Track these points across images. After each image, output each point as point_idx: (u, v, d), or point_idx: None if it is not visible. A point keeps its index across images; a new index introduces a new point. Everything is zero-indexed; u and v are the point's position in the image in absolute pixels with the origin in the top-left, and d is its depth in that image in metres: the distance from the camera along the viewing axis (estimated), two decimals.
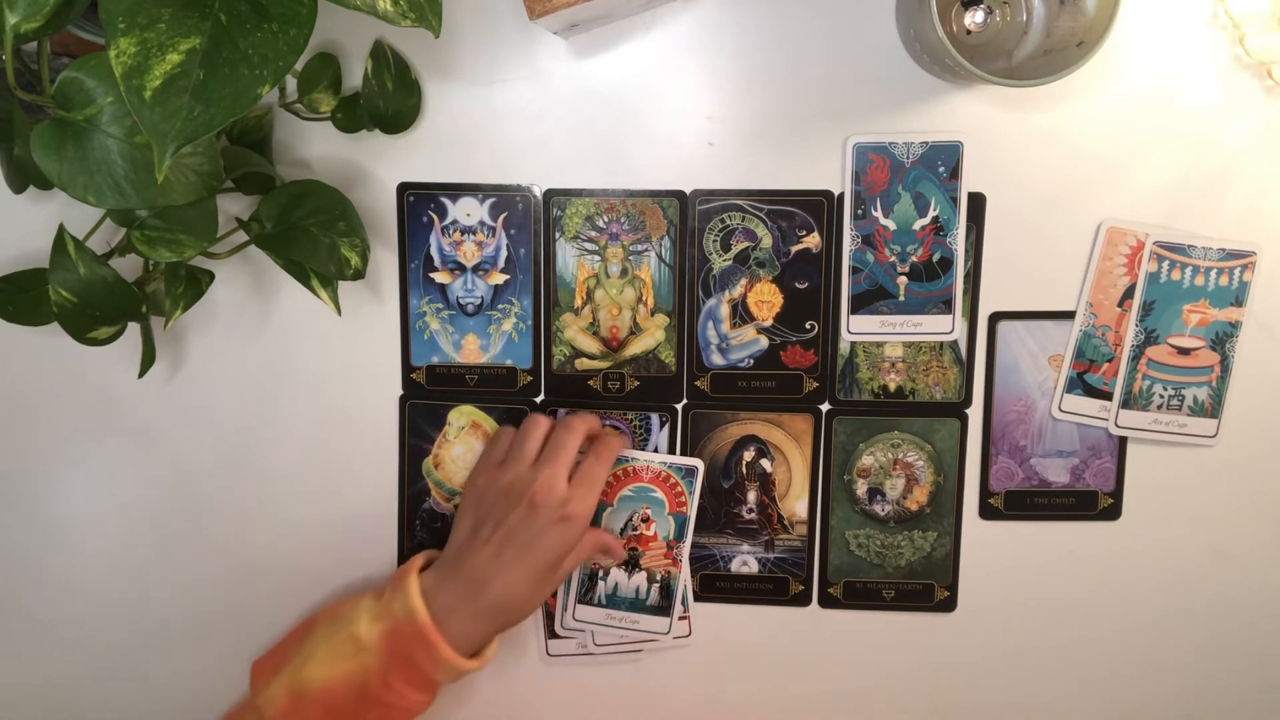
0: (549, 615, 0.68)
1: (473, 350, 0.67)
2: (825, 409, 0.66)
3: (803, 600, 0.68)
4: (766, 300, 0.65)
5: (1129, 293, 0.64)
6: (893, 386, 0.66)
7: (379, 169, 0.65)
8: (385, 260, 0.66)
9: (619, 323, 0.66)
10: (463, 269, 0.66)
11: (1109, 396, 0.65)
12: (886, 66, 0.62)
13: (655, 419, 0.67)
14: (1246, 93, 0.63)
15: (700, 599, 0.68)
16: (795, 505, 0.67)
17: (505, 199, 0.65)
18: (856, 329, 0.65)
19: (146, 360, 0.61)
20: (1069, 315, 0.65)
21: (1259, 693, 0.69)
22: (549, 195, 0.65)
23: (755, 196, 0.64)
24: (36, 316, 0.59)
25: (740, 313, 0.65)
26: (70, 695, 0.71)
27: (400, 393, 0.67)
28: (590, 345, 0.66)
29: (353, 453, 0.68)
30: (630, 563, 0.67)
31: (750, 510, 0.67)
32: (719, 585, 0.68)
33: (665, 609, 0.67)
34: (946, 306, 0.65)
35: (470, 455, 0.67)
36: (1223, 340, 0.65)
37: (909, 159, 0.63)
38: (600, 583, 0.67)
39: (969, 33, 0.62)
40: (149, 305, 0.57)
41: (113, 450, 0.68)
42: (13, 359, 0.67)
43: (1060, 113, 0.63)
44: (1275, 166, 0.63)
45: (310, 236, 0.58)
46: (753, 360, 0.66)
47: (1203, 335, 0.65)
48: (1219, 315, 0.64)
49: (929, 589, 0.68)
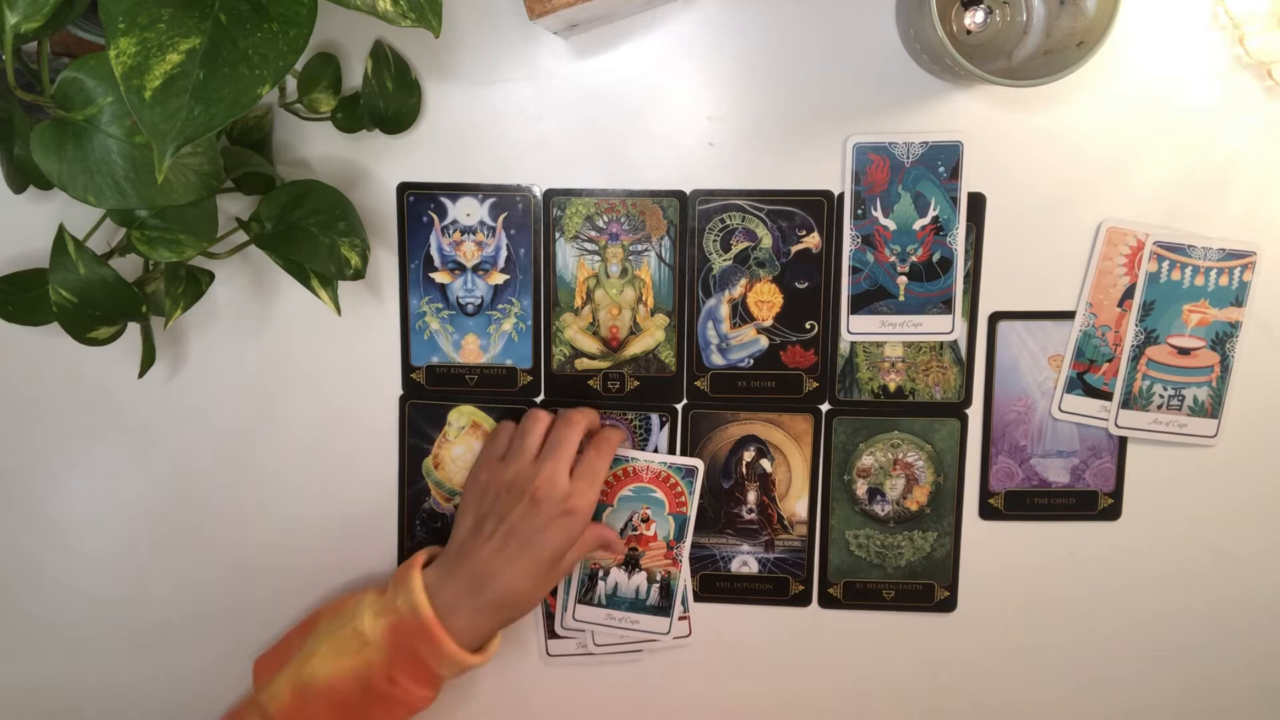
0: (549, 615, 0.68)
1: (473, 350, 0.67)
2: (825, 409, 0.66)
3: (803, 600, 0.68)
4: (766, 300, 0.65)
5: (1129, 293, 0.64)
6: (893, 386, 0.66)
7: (379, 169, 0.65)
8: (385, 260, 0.66)
9: (619, 323, 0.66)
10: (463, 269, 0.66)
11: (1109, 396, 0.65)
12: (886, 66, 0.62)
13: (655, 419, 0.67)
14: (1246, 93, 0.63)
15: (700, 599, 0.68)
16: (795, 505, 0.67)
17: (505, 199, 0.65)
18: (856, 329, 0.65)
19: (146, 360, 0.61)
20: (1069, 315, 0.65)
21: (1259, 693, 0.69)
22: (549, 195, 0.65)
23: (755, 196, 0.64)
24: (36, 316, 0.59)
25: (740, 313, 0.65)
26: (70, 695, 0.71)
27: (400, 393, 0.67)
28: (590, 345, 0.66)
29: (353, 453, 0.68)
30: (630, 563, 0.67)
31: (750, 510, 0.67)
32: (719, 585, 0.68)
33: (665, 609, 0.67)
34: (946, 306, 0.65)
35: (470, 455, 0.67)
36: (1223, 340, 0.65)
37: (909, 159, 0.63)
38: (600, 583, 0.67)
39: (969, 33, 0.62)
40: (149, 305, 0.57)
41: (113, 450, 0.68)
42: (13, 359, 0.67)
43: (1060, 113, 0.63)
44: (1275, 166, 0.63)
45: (310, 236, 0.58)
46: (753, 360, 0.66)
47: (1203, 335, 0.65)
48: (1219, 315, 0.64)
49: (929, 589, 0.68)
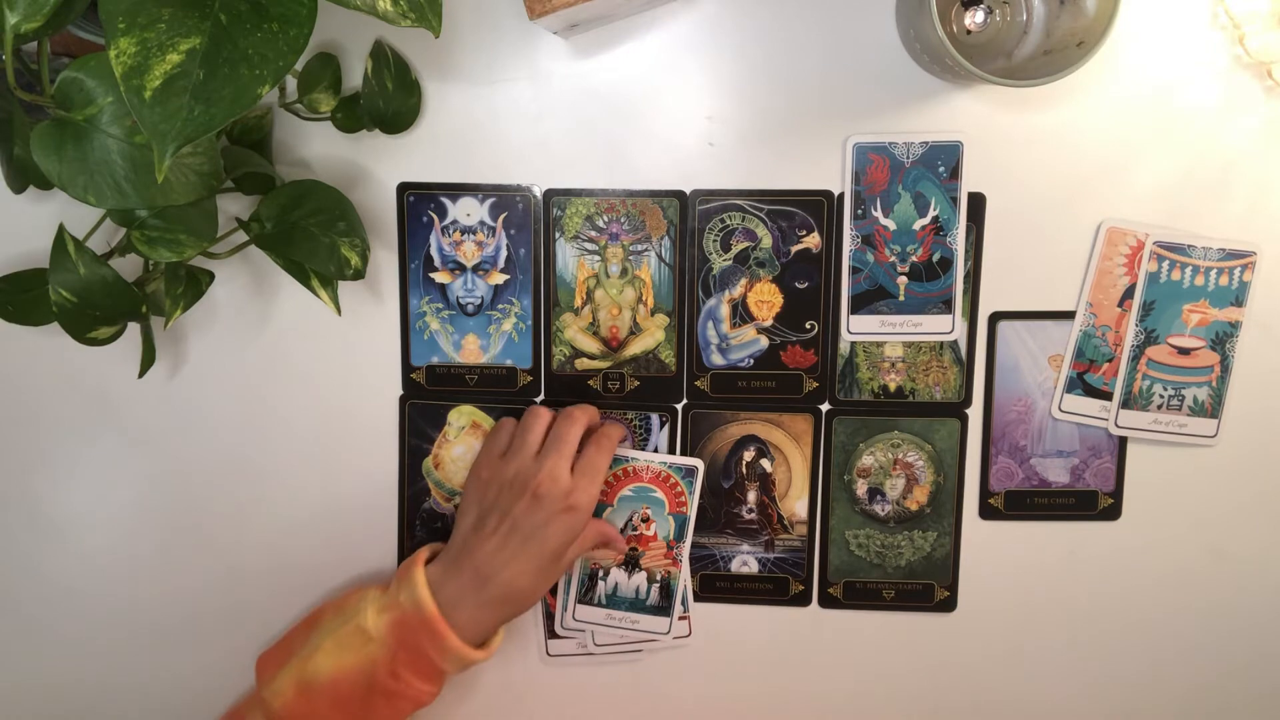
0: (549, 615, 0.68)
1: (473, 350, 0.67)
2: (825, 409, 0.66)
3: (803, 600, 0.68)
4: (766, 300, 0.65)
5: (1129, 293, 0.64)
6: (893, 386, 0.66)
7: (379, 169, 0.65)
8: (385, 260, 0.66)
9: (619, 323, 0.66)
10: (463, 269, 0.66)
11: (1109, 396, 0.65)
12: (886, 66, 0.62)
13: (655, 419, 0.67)
14: (1246, 93, 0.63)
15: (700, 599, 0.68)
16: (795, 505, 0.67)
17: (505, 199, 0.65)
18: (856, 329, 0.65)
19: (146, 360, 0.61)
20: (1069, 315, 0.65)
21: (1259, 693, 0.69)
22: (549, 195, 0.65)
23: (755, 196, 0.64)
24: (36, 316, 0.59)
25: (740, 313, 0.65)
26: (70, 695, 0.71)
27: (400, 393, 0.67)
28: (590, 345, 0.66)
29: (353, 453, 0.68)
30: (630, 563, 0.67)
31: (750, 510, 0.67)
32: (719, 585, 0.68)
33: (665, 609, 0.67)
34: (946, 306, 0.65)
35: (470, 455, 0.67)
36: (1223, 340, 0.65)
37: (909, 159, 0.63)
38: (600, 583, 0.67)
39: (969, 33, 0.62)
40: (149, 305, 0.57)
41: (113, 450, 0.68)
42: (13, 359, 0.67)
43: (1060, 113, 0.63)
44: (1275, 166, 0.63)
45: (310, 236, 0.58)
46: (753, 360, 0.66)
47: (1203, 335, 0.65)
48: (1219, 315, 0.64)
49: (929, 589, 0.68)
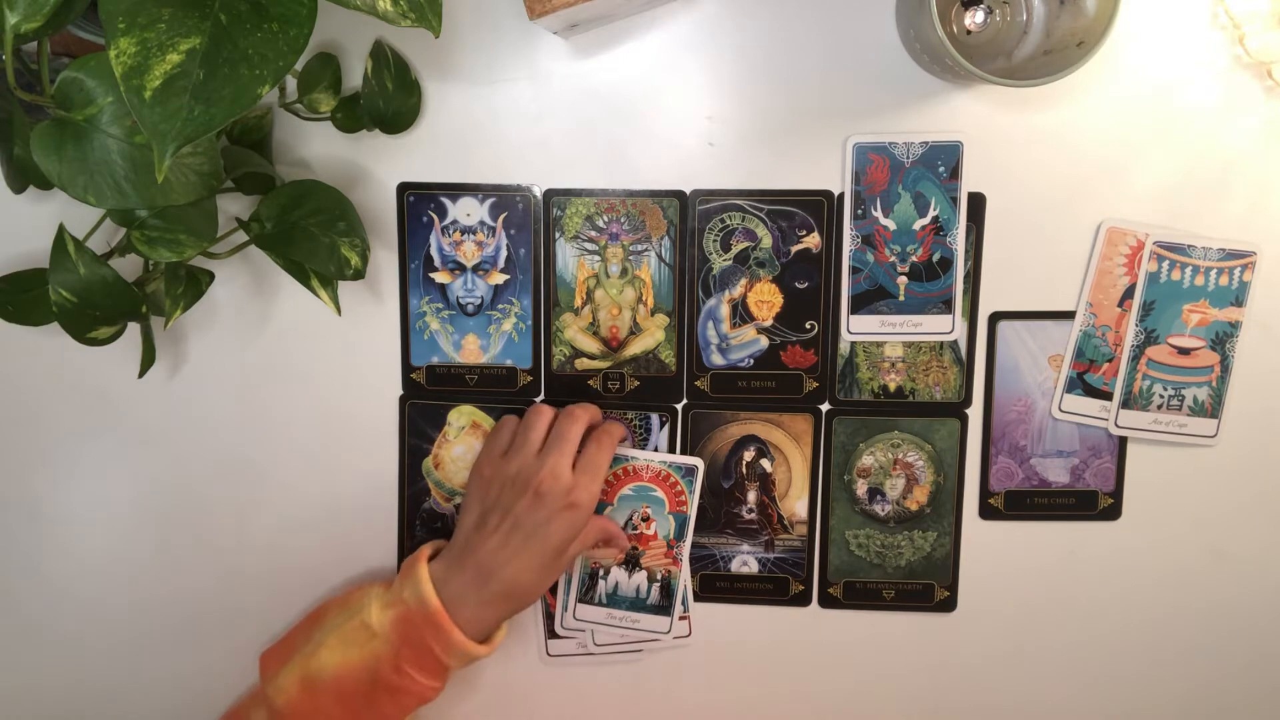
0: (549, 615, 0.68)
1: (473, 350, 0.67)
2: (825, 409, 0.66)
3: (803, 600, 0.68)
4: (766, 300, 0.65)
5: (1129, 293, 0.64)
6: (893, 386, 0.66)
7: (379, 169, 0.65)
8: (385, 260, 0.66)
9: (619, 323, 0.66)
10: (463, 269, 0.66)
11: (1109, 396, 0.65)
12: (886, 66, 0.62)
13: (655, 419, 0.67)
14: (1246, 93, 0.63)
15: (700, 599, 0.68)
16: (795, 505, 0.67)
17: (505, 199, 0.65)
18: (856, 329, 0.65)
19: (146, 360, 0.61)
20: (1069, 315, 0.65)
21: (1259, 693, 0.69)
22: (549, 195, 0.65)
23: (755, 196, 0.64)
24: (36, 316, 0.59)
25: (740, 313, 0.65)
26: (70, 695, 0.71)
27: (400, 393, 0.67)
28: (590, 345, 0.66)
29: (353, 453, 0.68)
30: (630, 562, 0.67)
31: (750, 510, 0.67)
32: (719, 585, 0.68)
33: (665, 608, 0.67)
34: (946, 306, 0.65)
35: (470, 455, 0.67)
36: (1223, 340, 0.65)
37: (909, 159, 0.63)
38: (600, 582, 0.67)
39: (969, 33, 0.62)
40: (149, 305, 0.57)
41: (113, 450, 0.68)
42: (13, 359, 0.67)
43: (1060, 113, 0.63)
44: (1275, 166, 0.63)
45: (310, 236, 0.58)
46: (753, 360, 0.66)
47: (1203, 335, 0.65)
48: (1219, 315, 0.64)
49: (929, 589, 0.68)
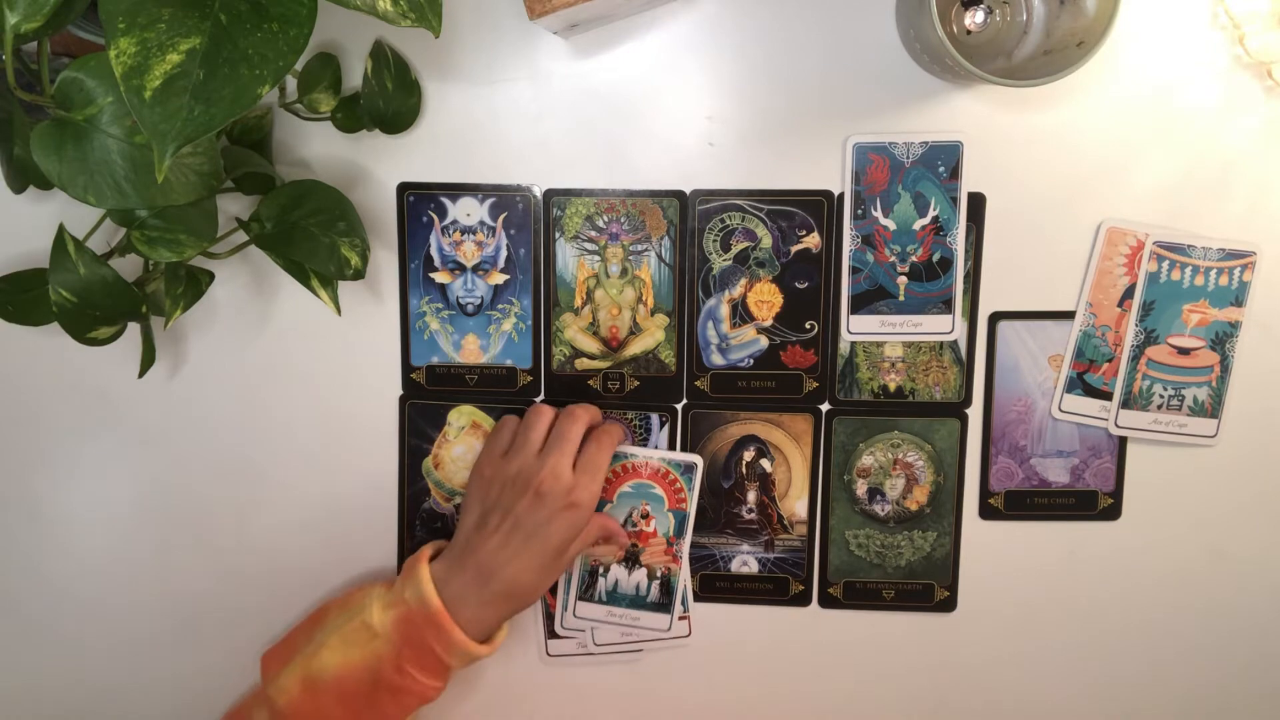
0: (549, 615, 0.68)
1: (473, 350, 0.67)
2: (825, 409, 0.66)
3: (803, 600, 0.68)
4: (766, 300, 0.65)
5: (1129, 293, 0.64)
6: (893, 386, 0.66)
7: (379, 169, 0.65)
8: (385, 260, 0.66)
9: (619, 323, 0.66)
10: (463, 269, 0.66)
11: (1109, 396, 0.65)
12: (886, 66, 0.62)
13: (655, 419, 0.67)
14: (1246, 93, 0.63)
15: (700, 599, 0.68)
16: (795, 505, 0.67)
17: (505, 199, 0.65)
18: (856, 329, 0.65)
19: (146, 360, 0.61)
20: (1069, 315, 0.65)
21: (1259, 693, 0.69)
22: (549, 195, 0.65)
23: (755, 196, 0.64)
24: (36, 316, 0.59)
25: (740, 313, 0.65)
26: (70, 695, 0.71)
27: (400, 393, 0.67)
28: (590, 345, 0.66)
29: (353, 453, 0.68)
30: (630, 559, 0.67)
31: (750, 510, 0.67)
32: (719, 585, 0.68)
33: (665, 606, 0.67)
34: (946, 306, 0.65)
35: (470, 455, 0.67)
36: (1223, 340, 0.65)
37: (909, 159, 0.63)
38: (600, 579, 0.67)
39: (969, 33, 0.62)
40: (149, 305, 0.57)
41: (113, 450, 0.68)
42: (13, 359, 0.67)
43: (1060, 113, 0.63)
44: (1275, 166, 0.63)
45: (310, 236, 0.58)
46: (753, 360, 0.66)
47: (1203, 335, 0.65)
48: (1219, 315, 0.64)
49: (929, 589, 0.68)
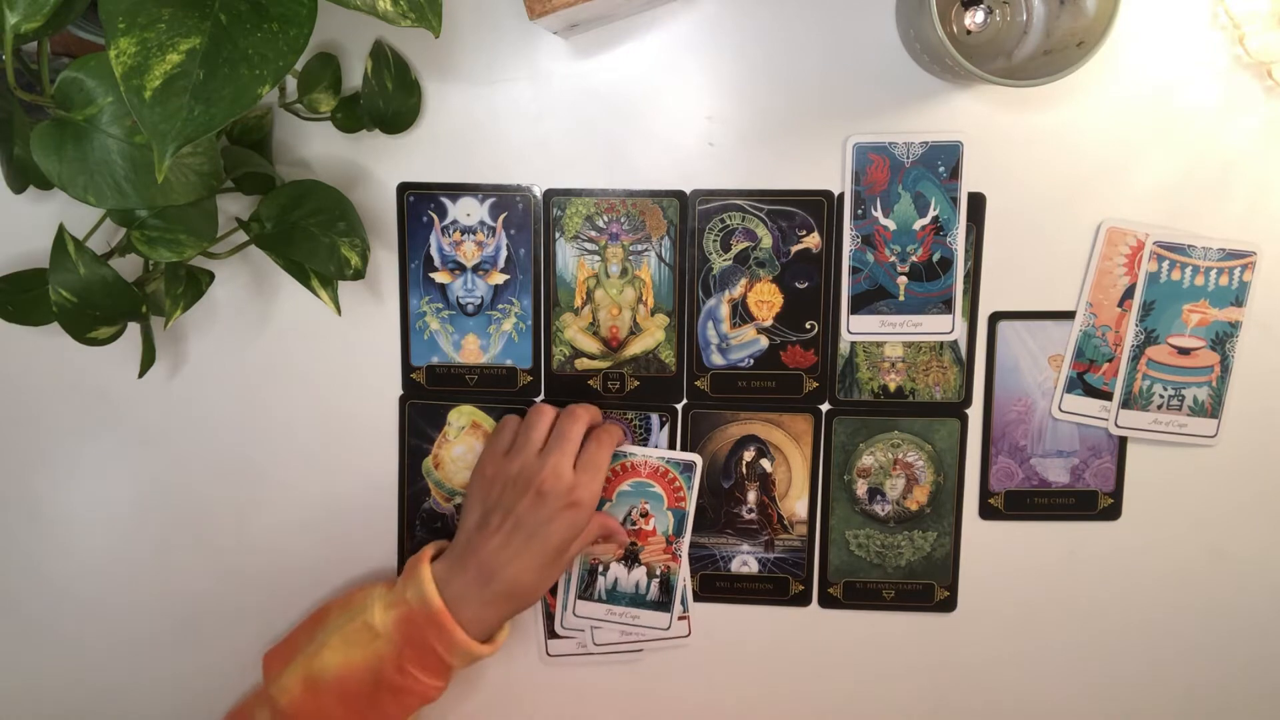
0: (549, 615, 0.68)
1: (473, 350, 0.67)
2: (825, 409, 0.66)
3: (803, 600, 0.68)
4: (766, 300, 0.65)
5: (1129, 293, 0.64)
6: (893, 386, 0.66)
7: (379, 169, 0.65)
8: (385, 260, 0.66)
9: (619, 323, 0.66)
10: (463, 269, 0.66)
11: (1109, 396, 0.65)
12: (886, 66, 0.62)
13: (655, 419, 0.67)
14: (1246, 93, 0.63)
15: (700, 599, 0.68)
16: (795, 505, 0.67)
17: (505, 199, 0.65)
18: (856, 329, 0.65)
19: (146, 360, 0.61)
20: (1069, 315, 0.65)
21: (1259, 693, 0.69)
22: (549, 195, 0.65)
23: (755, 196, 0.64)
24: (36, 316, 0.59)
25: (740, 313, 0.65)
26: (70, 695, 0.71)
27: (400, 393, 0.67)
28: (590, 345, 0.66)
29: (353, 453, 0.68)
30: (630, 557, 0.67)
31: (750, 510, 0.67)
32: (719, 585, 0.68)
33: (665, 604, 0.67)
34: (946, 306, 0.65)
35: (470, 455, 0.67)
36: (1223, 340, 0.65)
37: (909, 159, 0.63)
38: (600, 578, 0.67)
39: (969, 33, 0.62)
40: (149, 305, 0.57)
41: (113, 450, 0.68)
42: (13, 359, 0.67)
43: (1060, 113, 0.63)
44: (1275, 166, 0.63)
45: (310, 236, 0.58)
46: (753, 360, 0.66)
47: (1203, 335, 0.65)
48: (1219, 315, 0.64)
49: (929, 589, 0.68)
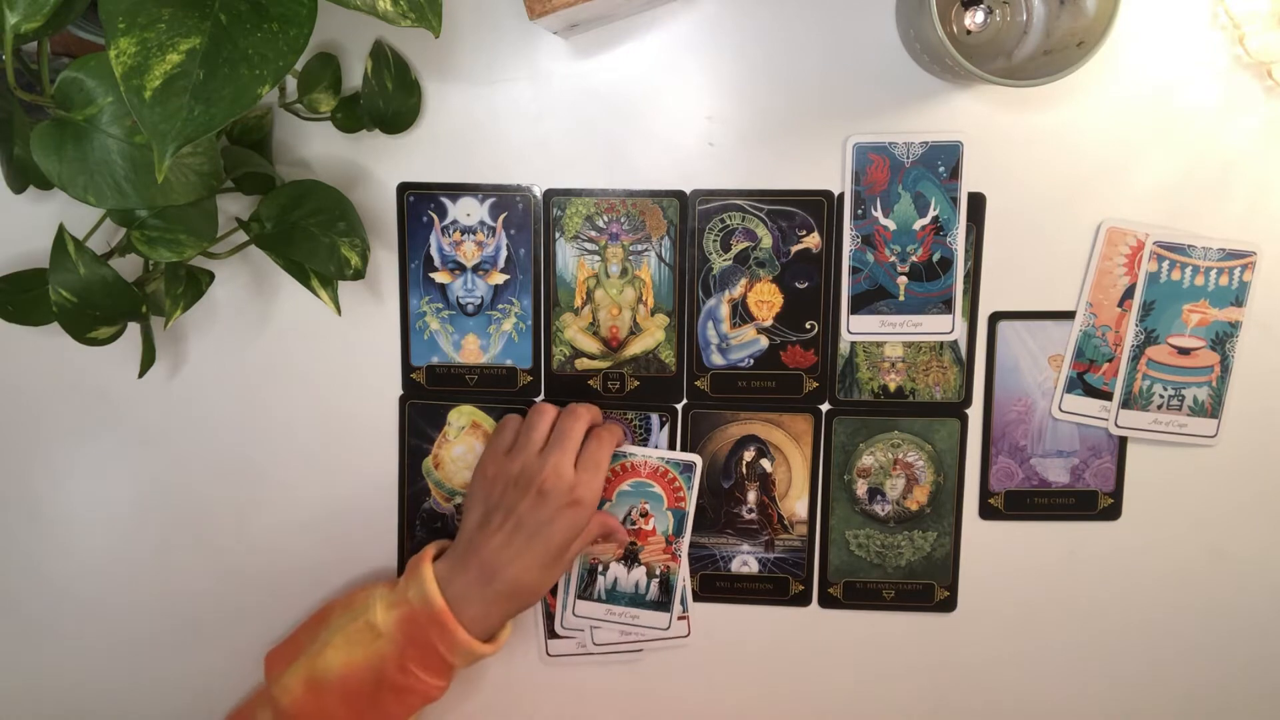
0: (549, 615, 0.68)
1: (473, 350, 0.67)
2: (825, 409, 0.66)
3: (803, 600, 0.68)
4: (766, 300, 0.65)
5: (1129, 293, 0.64)
6: (893, 386, 0.66)
7: (379, 169, 0.65)
8: (385, 260, 0.66)
9: (619, 323, 0.66)
10: (463, 269, 0.66)
11: (1109, 396, 0.65)
12: (886, 66, 0.62)
13: (655, 419, 0.67)
14: (1246, 93, 0.63)
15: (700, 599, 0.68)
16: (795, 505, 0.67)
17: (505, 199, 0.65)
18: (856, 329, 0.65)
19: (146, 360, 0.61)
20: (1069, 315, 0.65)
21: (1259, 693, 0.69)
22: (549, 195, 0.65)
23: (755, 196, 0.64)
24: (36, 316, 0.59)
25: (740, 313, 0.65)
26: (70, 696, 0.71)
27: (400, 393, 0.67)
28: (590, 345, 0.66)
29: (353, 453, 0.68)
30: (629, 557, 0.67)
31: (750, 510, 0.67)
32: (719, 585, 0.68)
33: (665, 604, 0.67)
34: (946, 306, 0.65)
35: (470, 455, 0.67)
36: (1223, 340, 0.65)
37: (909, 159, 0.63)
38: (600, 578, 0.67)
39: (969, 33, 0.62)
40: (149, 305, 0.57)
41: (113, 450, 0.68)
42: (13, 359, 0.67)
43: (1060, 113, 0.63)
44: (1275, 166, 0.63)
45: (310, 236, 0.58)
46: (753, 360, 0.66)
47: (1203, 335, 0.65)
48: (1219, 315, 0.64)
49: (929, 589, 0.68)
